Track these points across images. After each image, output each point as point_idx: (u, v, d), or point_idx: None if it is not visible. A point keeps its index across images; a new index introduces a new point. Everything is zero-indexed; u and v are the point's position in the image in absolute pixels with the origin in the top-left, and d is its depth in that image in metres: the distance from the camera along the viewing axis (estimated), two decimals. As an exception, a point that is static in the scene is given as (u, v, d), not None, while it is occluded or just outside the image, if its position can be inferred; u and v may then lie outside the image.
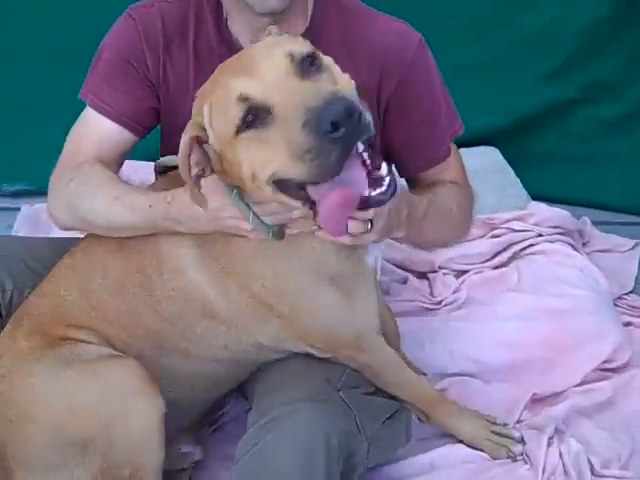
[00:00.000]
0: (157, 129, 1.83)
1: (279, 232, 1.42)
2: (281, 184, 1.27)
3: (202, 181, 1.35)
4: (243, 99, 1.23)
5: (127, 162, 1.80)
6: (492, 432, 1.81)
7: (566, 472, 1.73)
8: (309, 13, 1.66)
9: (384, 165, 1.24)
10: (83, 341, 1.58)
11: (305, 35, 1.62)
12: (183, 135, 1.32)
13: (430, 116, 1.70)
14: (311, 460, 1.42)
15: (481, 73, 2.95)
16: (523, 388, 1.95)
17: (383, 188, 1.23)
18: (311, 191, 1.25)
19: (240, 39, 1.66)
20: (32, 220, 2.89)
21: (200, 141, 1.33)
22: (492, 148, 2.99)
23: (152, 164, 1.79)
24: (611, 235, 2.66)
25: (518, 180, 2.85)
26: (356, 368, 1.64)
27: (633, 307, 2.32)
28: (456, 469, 1.77)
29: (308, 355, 1.62)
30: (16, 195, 3.19)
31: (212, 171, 1.36)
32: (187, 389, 1.67)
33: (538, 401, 1.94)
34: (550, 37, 2.94)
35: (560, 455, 1.75)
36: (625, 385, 1.99)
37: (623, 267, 2.50)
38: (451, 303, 2.23)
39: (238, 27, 1.66)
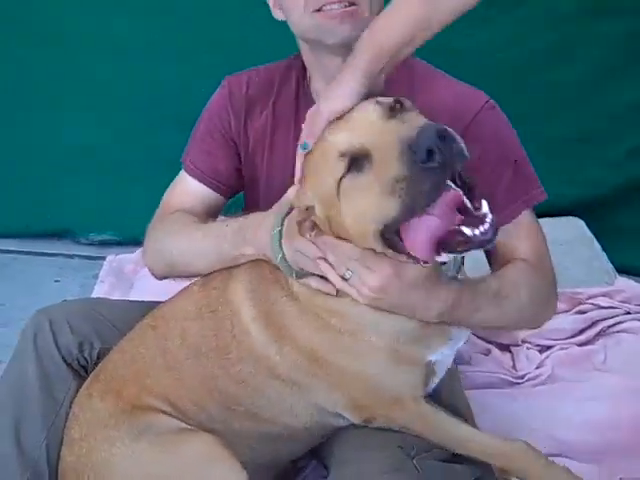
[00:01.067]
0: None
1: (301, 275, 1.47)
2: (387, 240, 1.30)
3: None
4: (342, 153, 1.28)
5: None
6: None
7: None
8: None
9: (484, 203, 1.23)
10: (156, 409, 1.61)
11: None
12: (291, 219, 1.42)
13: (494, 176, 1.61)
14: None
15: (570, 145, 2.94)
16: (609, 472, 1.88)
17: (486, 226, 1.21)
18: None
19: (319, 97, 1.70)
20: (116, 270, 2.96)
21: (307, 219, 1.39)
22: (577, 219, 2.95)
23: None
24: (701, 314, 2.57)
25: (604, 253, 2.79)
26: (401, 429, 1.58)
27: None
28: None
29: None
30: (102, 245, 3.28)
31: None
32: (256, 453, 1.66)
33: (623, 487, 1.87)
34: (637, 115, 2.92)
35: None
36: None
37: None
38: (534, 378, 2.17)
39: (317, 83, 1.73)
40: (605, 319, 2.34)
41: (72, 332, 1.76)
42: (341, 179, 1.29)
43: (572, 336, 2.31)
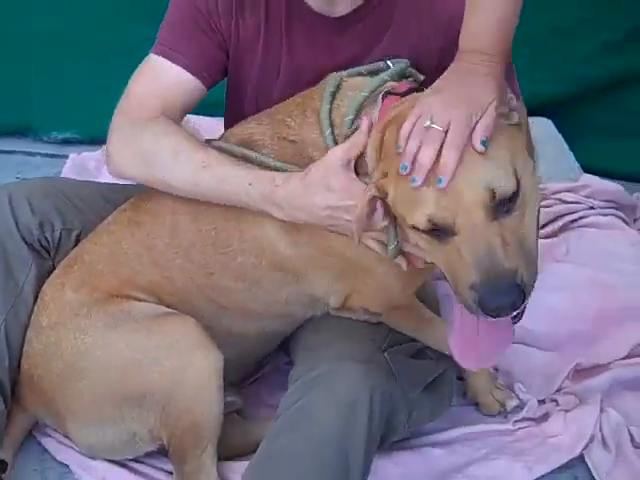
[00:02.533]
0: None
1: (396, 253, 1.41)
2: None
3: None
4: (430, 220, 1.23)
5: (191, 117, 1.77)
6: (496, 387, 1.83)
7: (604, 442, 1.72)
8: None
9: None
10: (135, 298, 1.60)
11: None
12: (364, 194, 1.32)
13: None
14: (353, 418, 1.43)
15: (536, 43, 2.87)
16: (567, 358, 1.93)
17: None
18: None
19: (312, 5, 1.63)
20: (79, 168, 2.91)
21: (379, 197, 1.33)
22: (544, 119, 2.92)
23: (216, 120, 1.76)
24: (664, 213, 2.60)
25: (571, 153, 2.79)
26: (389, 324, 1.65)
27: (681, 285, 2.27)
28: (487, 441, 1.78)
29: None
30: (64, 143, 3.21)
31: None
32: (242, 348, 1.69)
33: (581, 371, 1.92)
34: (613, 8, 2.87)
35: (599, 425, 1.74)
36: (670, 361, 1.96)
37: (674, 245, 2.45)
38: (497, 269, 2.19)
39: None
40: (569, 213, 2.36)
41: (32, 212, 1.72)
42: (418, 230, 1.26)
43: (535, 230, 2.32)
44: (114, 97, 1.68)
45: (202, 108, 1.77)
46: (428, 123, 1.24)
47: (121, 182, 1.79)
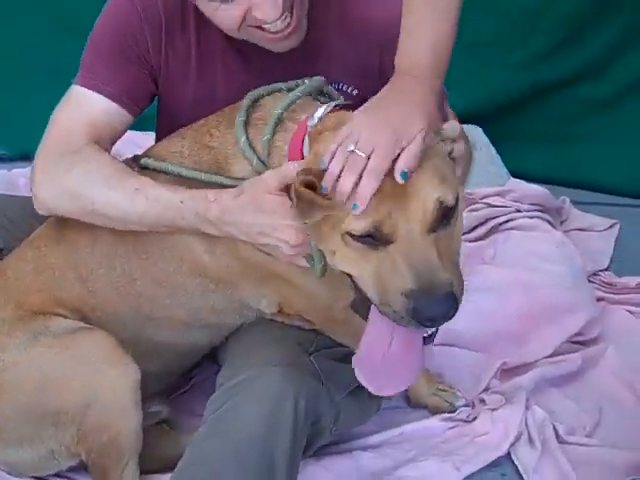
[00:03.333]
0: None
1: (323, 271, 1.40)
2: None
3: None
4: (374, 227, 1.22)
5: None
6: (438, 389, 1.87)
7: (531, 439, 1.74)
8: None
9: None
10: (59, 315, 1.58)
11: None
12: (300, 174, 1.28)
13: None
14: (277, 421, 1.43)
15: (467, 52, 2.93)
16: (494, 358, 1.97)
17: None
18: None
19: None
20: (9, 184, 2.85)
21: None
22: (474, 126, 2.98)
23: (143, 134, 1.73)
24: (589, 214, 2.68)
25: (499, 157, 2.86)
26: (323, 332, 1.65)
27: (607, 284, 2.34)
28: (417, 442, 1.78)
29: None
30: (-7, 160, 3.16)
31: None
32: (169, 360, 1.68)
33: (508, 370, 1.96)
34: (537, 19, 2.95)
35: (525, 422, 1.77)
36: (594, 358, 2.02)
37: (599, 246, 2.52)
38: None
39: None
40: (496, 217, 2.41)
41: None
42: (353, 236, 1.24)
43: (464, 234, 2.36)
44: (44, 113, 1.64)
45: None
46: (352, 147, 1.23)
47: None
